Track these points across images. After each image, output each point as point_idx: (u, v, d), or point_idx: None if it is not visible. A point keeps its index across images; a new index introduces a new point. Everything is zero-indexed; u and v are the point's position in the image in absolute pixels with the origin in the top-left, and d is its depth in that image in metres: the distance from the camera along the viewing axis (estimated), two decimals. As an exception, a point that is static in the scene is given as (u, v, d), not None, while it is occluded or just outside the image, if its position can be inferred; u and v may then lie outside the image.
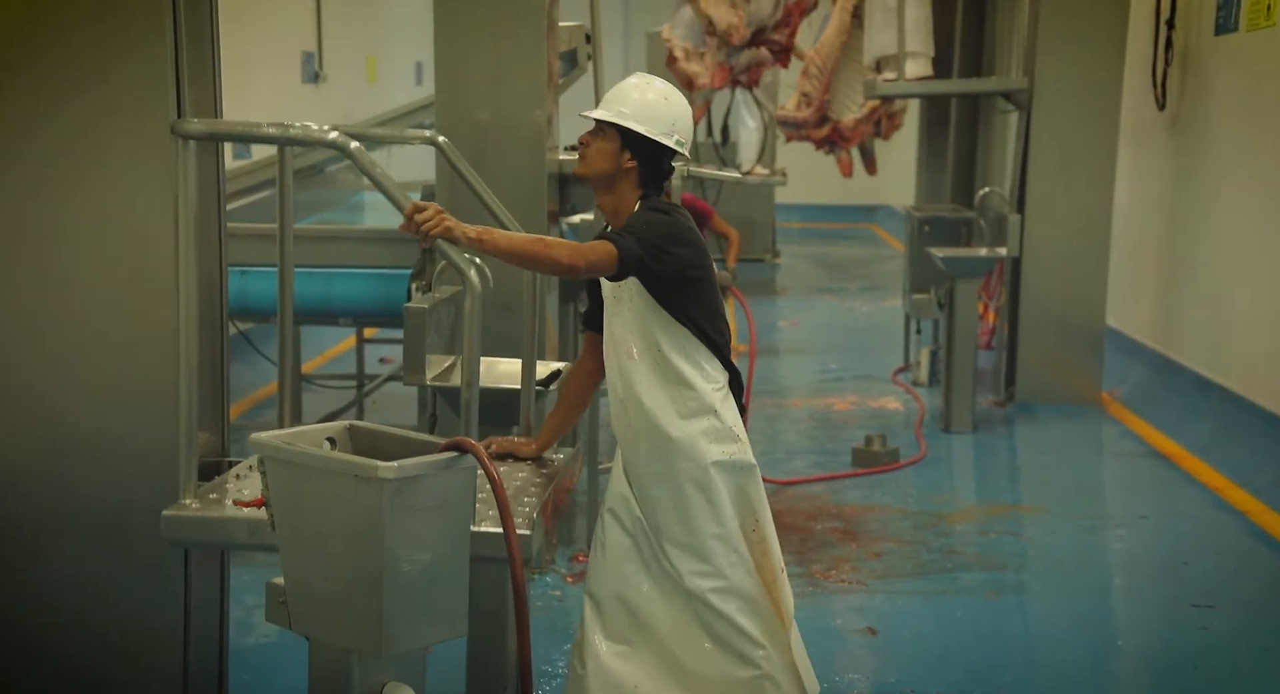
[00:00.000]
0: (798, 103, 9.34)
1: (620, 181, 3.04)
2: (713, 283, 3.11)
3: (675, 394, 3.02)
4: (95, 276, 2.93)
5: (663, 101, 3.03)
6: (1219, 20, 6.46)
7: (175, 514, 2.78)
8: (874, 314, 10.45)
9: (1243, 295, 6.21)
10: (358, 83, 10.26)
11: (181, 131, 2.81)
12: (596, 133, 3.03)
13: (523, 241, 2.83)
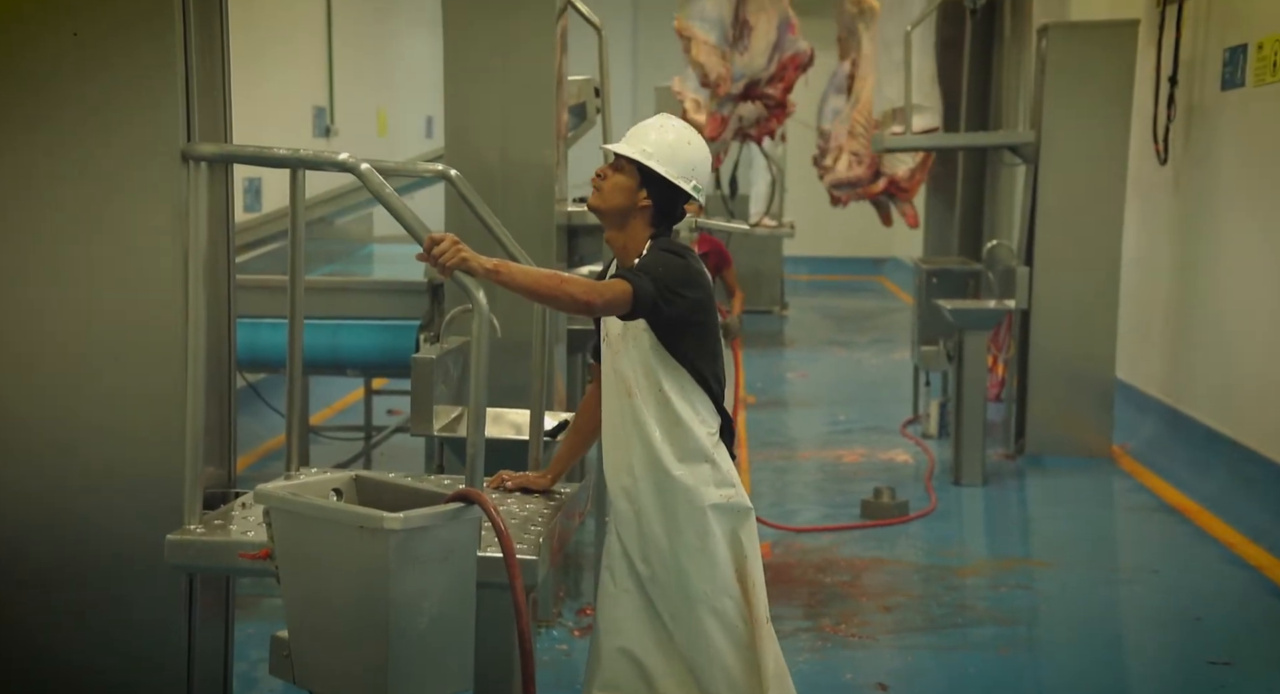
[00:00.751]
0: (849, 163, 9.37)
1: (633, 218, 3.05)
2: (716, 328, 3.12)
3: (674, 435, 3.02)
4: (101, 303, 2.91)
5: (685, 145, 3.05)
6: (1225, 76, 6.50)
7: (179, 538, 2.76)
8: (883, 366, 10.43)
9: (1251, 349, 6.19)
10: (368, 136, 10.35)
11: (193, 154, 2.81)
12: (615, 167, 3.04)
13: (539, 276, 2.82)
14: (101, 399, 2.92)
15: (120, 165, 2.87)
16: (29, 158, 2.88)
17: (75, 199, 2.88)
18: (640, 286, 2.89)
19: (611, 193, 3.04)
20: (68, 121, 2.87)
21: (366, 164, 2.79)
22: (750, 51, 8.18)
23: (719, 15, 8.01)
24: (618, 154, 3.04)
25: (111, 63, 2.84)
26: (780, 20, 8.28)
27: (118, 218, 2.89)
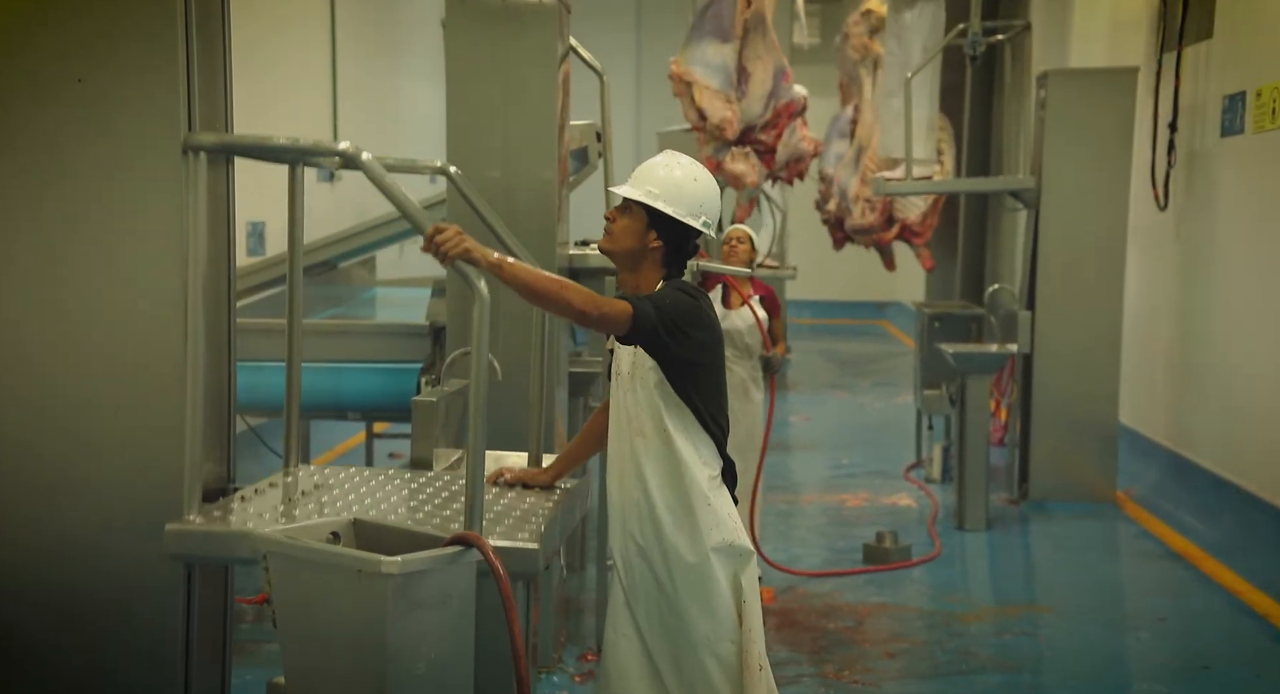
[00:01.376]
0: (862, 210, 9.41)
1: (644, 260, 3.04)
2: (723, 372, 3.11)
3: (675, 476, 3.00)
4: (100, 298, 2.91)
5: (691, 182, 3.04)
6: (1224, 123, 6.53)
7: (179, 528, 2.74)
8: (886, 410, 10.41)
9: (1255, 395, 6.17)
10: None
11: (193, 144, 2.81)
12: (623, 209, 3.04)
13: (540, 277, 2.82)
14: (98, 392, 2.90)
15: (120, 162, 2.86)
16: (29, 159, 2.89)
17: (74, 193, 2.88)
18: (641, 310, 2.88)
19: (621, 235, 3.04)
20: (69, 120, 2.87)
21: (368, 154, 2.79)
22: (748, 97, 8.23)
23: (721, 61, 8.06)
24: (625, 197, 3.05)
25: (112, 63, 2.84)
26: (776, 68, 8.34)
27: (117, 213, 2.88)
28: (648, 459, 3.01)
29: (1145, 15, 7.79)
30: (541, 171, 4.33)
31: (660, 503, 3.00)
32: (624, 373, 3.07)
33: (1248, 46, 6.34)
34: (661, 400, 3.00)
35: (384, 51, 10.73)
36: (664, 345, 2.92)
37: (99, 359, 2.93)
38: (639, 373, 3.02)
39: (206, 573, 2.99)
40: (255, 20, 6.51)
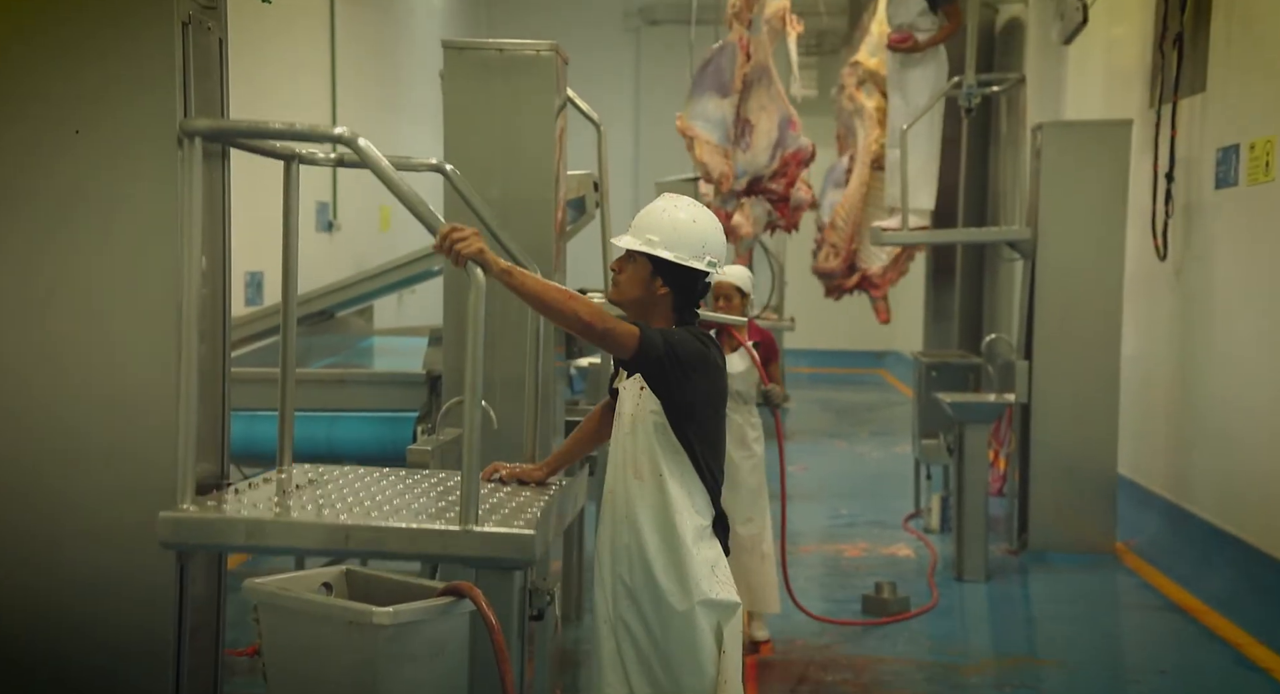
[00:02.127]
0: (826, 254, 9.46)
1: (653, 308, 3.04)
2: (723, 425, 3.10)
3: (665, 522, 2.99)
4: (98, 283, 2.91)
5: (691, 224, 3.04)
6: (1219, 174, 6.56)
7: (172, 516, 2.71)
8: (884, 459, 10.38)
9: (1254, 446, 6.15)
10: (370, 231, 10.44)
11: (188, 129, 2.81)
12: (627, 259, 3.05)
13: (548, 286, 2.82)
14: (92, 383, 2.89)
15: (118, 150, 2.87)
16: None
17: (65, 186, 2.89)
18: (649, 337, 2.87)
19: (628, 285, 3.04)
20: (62, 109, 2.89)
21: (364, 139, 2.80)
22: (753, 149, 8.30)
23: (721, 115, 8.15)
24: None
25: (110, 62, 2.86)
26: (781, 118, 8.41)
27: (109, 205, 2.88)
28: (642, 503, 2.99)
29: (1139, 69, 7.87)
30: (539, 220, 4.34)
31: (652, 548, 2.99)
32: (625, 414, 3.06)
33: (1240, 100, 6.39)
34: (660, 444, 2.99)
35: (383, 103, 10.82)
36: (666, 380, 2.91)
37: (90, 354, 2.91)
38: (640, 415, 3.01)
39: (199, 571, 2.94)
40: (257, 70, 6.57)
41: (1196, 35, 6.88)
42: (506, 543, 2.61)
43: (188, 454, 2.79)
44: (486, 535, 2.58)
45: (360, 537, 2.60)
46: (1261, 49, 6.16)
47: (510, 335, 3.93)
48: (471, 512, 2.60)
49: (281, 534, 2.64)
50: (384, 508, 2.79)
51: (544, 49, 4.36)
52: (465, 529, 2.59)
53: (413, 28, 11.75)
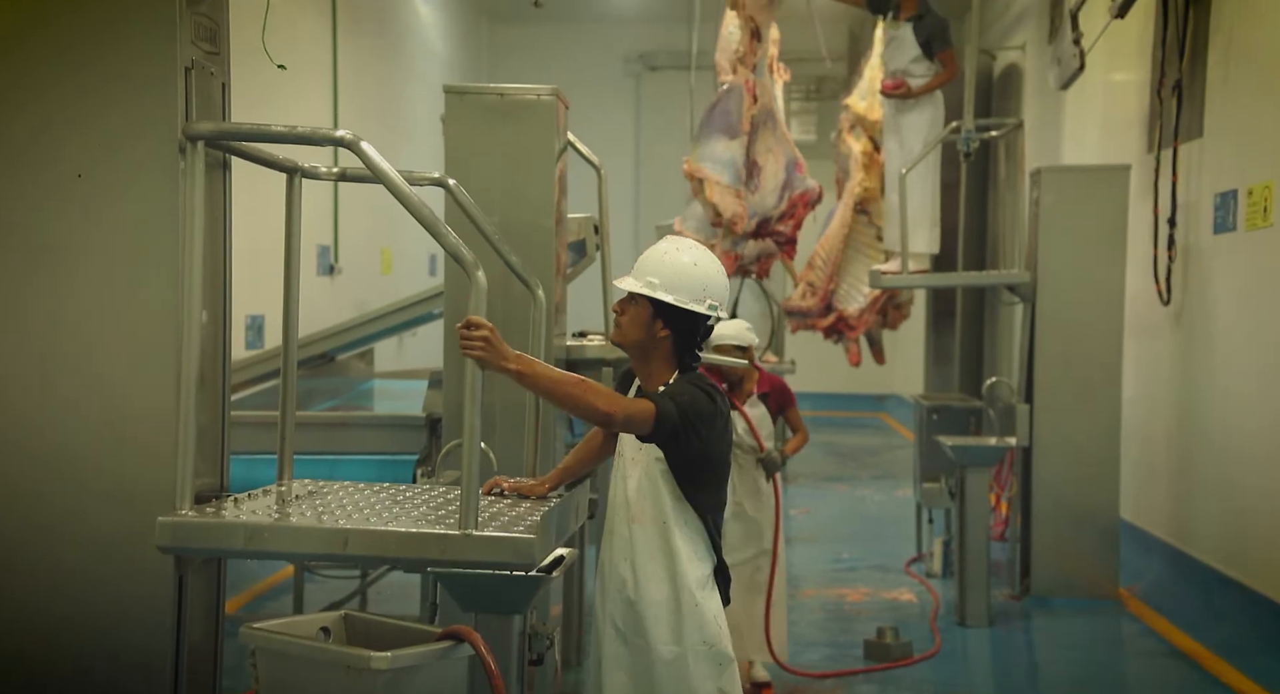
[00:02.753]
0: (803, 292, 9.50)
1: (654, 351, 3.04)
2: (726, 474, 3.09)
3: (669, 568, 2.97)
4: (98, 275, 2.90)
5: (692, 267, 3.04)
6: (1217, 219, 6.59)
7: (171, 520, 2.68)
8: (886, 503, 10.34)
9: (1258, 491, 6.13)
10: (372, 274, 10.47)
11: (190, 133, 2.82)
12: (629, 301, 3.05)
13: (561, 380, 2.81)
14: (90, 383, 2.88)
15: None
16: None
17: (70, 228, 2.89)
18: (664, 410, 2.87)
19: (629, 328, 3.04)
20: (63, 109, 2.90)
21: (366, 142, 2.81)
22: (760, 191, 8.35)
23: (730, 157, 8.20)
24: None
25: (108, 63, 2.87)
26: (788, 160, 8.47)
27: (114, 246, 2.89)
28: (641, 547, 2.98)
29: (1136, 114, 7.92)
30: (540, 263, 4.35)
31: (648, 594, 2.97)
32: (626, 456, 3.05)
33: (1237, 146, 6.43)
34: (665, 491, 2.98)
35: (385, 147, 10.88)
36: (679, 444, 2.91)
37: (89, 359, 2.90)
38: (643, 460, 3.00)
39: (198, 581, 2.91)
40: (261, 119, 6.61)
41: (1193, 82, 6.93)
42: (506, 547, 2.58)
43: (186, 461, 2.77)
44: (486, 540, 2.56)
45: (359, 541, 2.58)
46: (1258, 96, 6.20)
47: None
48: (471, 517, 2.59)
49: (281, 539, 2.62)
50: (383, 515, 2.78)
51: (545, 93, 4.40)
52: (465, 534, 2.57)
53: (414, 73, 11.84)
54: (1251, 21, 6.28)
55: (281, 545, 2.63)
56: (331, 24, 9.08)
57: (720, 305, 3.07)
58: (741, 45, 8.11)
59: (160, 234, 2.86)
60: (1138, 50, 7.92)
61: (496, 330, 2.70)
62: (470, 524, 2.58)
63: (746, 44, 8.05)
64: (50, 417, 2.90)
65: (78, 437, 2.89)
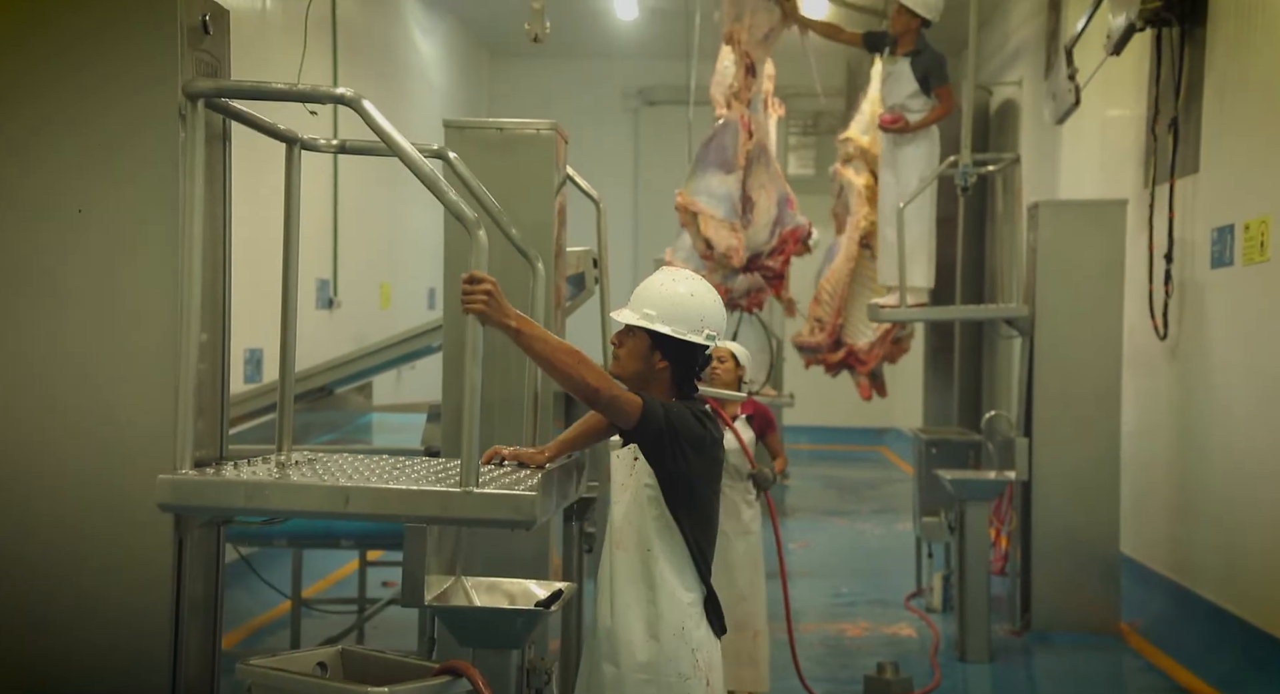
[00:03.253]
0: (811, 328, 9.50)
1: (653, 381, 3.05)
2: (716, 503, 3.09)
3: (650, 597, 2.96)
4: (92, 271, 2.90)
5: (689, 298, 3.05)
6: (1214, 254, 6.61)
7: (170, 477, 2.66)
8: (885, 537, 10.30)
9: (1258, 526, 6.11)
10: (371, 308, 10.49)
11: (191, 91, 2.81)
12: (627, 333, 3.06)
13: (557, 348, 2.81)
14: (87, 367, 2.87)
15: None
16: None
17: (70, 261, 2.89)
18: (652, 408, 2.87)
19: (627, 359, 3.05)
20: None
21: (367, 101, 2.81)
22: (753, 226, 8.39)
23: (726, 191, 8.24)
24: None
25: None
26: (780, 196, 8.51)
27: (113, 288, 2.88)
28: (621, 573, 2.97)
29: (1133, 149, 7.96)
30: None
31: (622, 619, 2.96)
32: (616, 481, 3.06)
33: (1233, 181, 6.46)
34: (651, 518, 2.98)
35: (384, 179, 10.93)
36: (662, 453, 2.91)
37: (86, 340, 2.90)
38: (632, 485, 3.00)
39: (196, 551, 2.88)
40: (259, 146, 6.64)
41: (1189, 118, 6.97)
42: (506, 504, 2.57)
43: (186, 423, 2.76)
44: (487, 497, 2.55)
45: (360, 498, 2.57)
46: (1253, 131, 6.24)
47: (512, 392, 3.91)
48: (472, 474, 2.58)
49: (281, 496, 2.61)
50: (384, 477, 2.77)
51: (544, 128, 4.42)
52: (466, 491, 2.56)
53: (414, 107, 11.90)
54: (1246, 59, 6.33)
55: (282, 503, 2.62)
56: (332, 59, 9.14)
57: (718, 336, 3.08)
58: (736, 80, 8.16)
59: (162, 272, 2.87)
60: (1133, 86, 7.97)
61: (499, 286, 2.70)
62: (471, 481, 2.57)
63: (741, 79, 8.10)
64: (50, 448, 2.89)
65: (77, 464, 2.88)
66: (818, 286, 9.56)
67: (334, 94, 2.85)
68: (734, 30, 8.04)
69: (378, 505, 2.58)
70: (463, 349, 2.74)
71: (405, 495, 2.58)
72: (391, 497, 2.58)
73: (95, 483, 2.84)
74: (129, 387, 2.87)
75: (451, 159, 3.47)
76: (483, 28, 14.33)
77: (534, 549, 4.05)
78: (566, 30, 12.31)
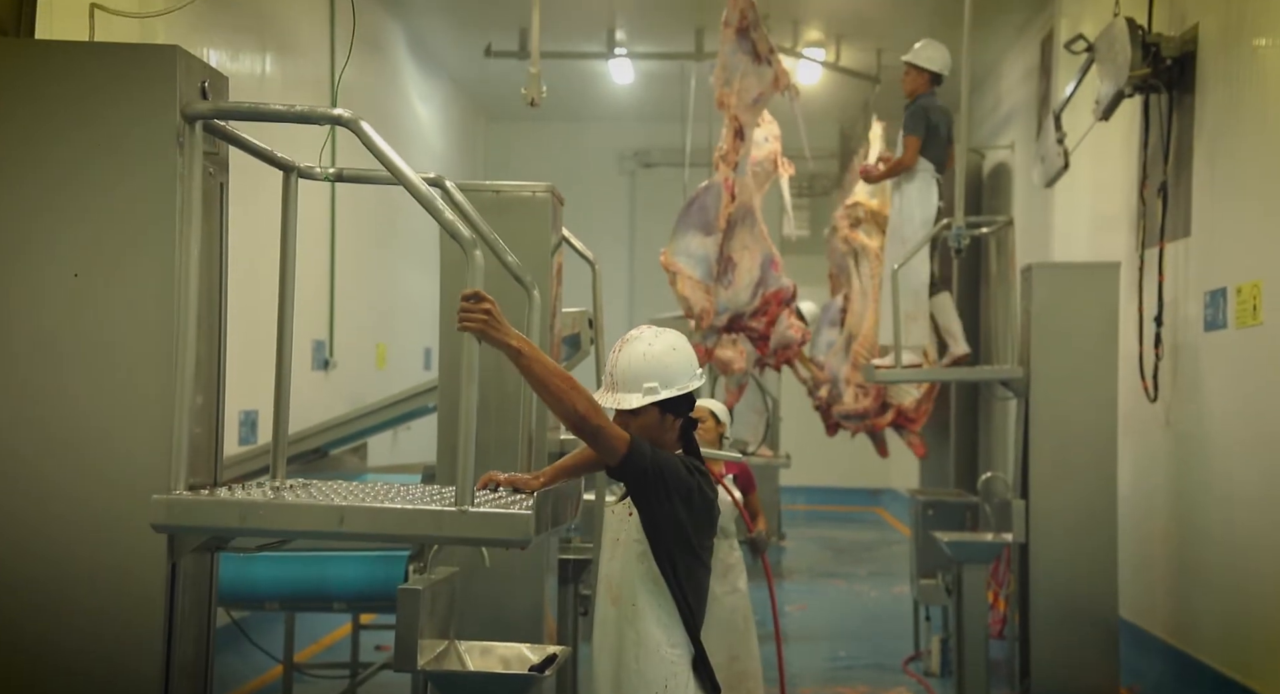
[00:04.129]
0: (855, 395, 9.47)
1: (663, 443, 3.07)
2: (707, 559, 3.07)
3: (641, 651, 2.94)
4: (95, 280, 2.90)
5: (674, 352, 3.10)
6: (1208, 317, 6.63)
7: (165, 497, 2.63)
8: (882, 599, 10.23)
9: (1255, 592, 6.07)
10: (367, 369, 10.48)
11: (190, 113, 2.81)
12: (631, 414, 3.06)
13: (553, 372, 2.81)
14: (84, 381, 2.86)
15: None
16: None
17: (69, 330, 2.89)
18: (639, 447, 2.89)
19: (640, 435, 3.05)
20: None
21: (365, 122, 2.82)
22: (734, 286, 8.41)
23: (704, 252, 8.28)
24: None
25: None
26: (764, 258, 8.54)
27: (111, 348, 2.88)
28: (609, 629, 2.97)
29: (1124, 213, 8.03)
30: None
31: (617, 677, 2.95)
32: (610, 538, 3.07)
33: (1224, 245, 6.50)
34: (640, 573, 2.97)
35: (381, 242, 10.98)
36: (646, 493, 2.91)
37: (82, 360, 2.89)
38: (625, 541, 3.01)
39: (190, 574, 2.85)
40: (258, 214, 6.69)
41: (1179, 181, 7.04)
42: (502, 524, 2.55)
43: (181, 446, 2.74)
44: (482, 516, 2.54)
45: (355, 518, 2.55)
46: (1244, 196, 6.29)
47: (507, 450, 3.89)
48: (467, 493, 2.56)
49: (276, 516, 2.58)
50: (378, 498, 2.75)
51: (540, 190, 4.45)
52: (461, 510, 2.54)
53: (412, 169, 12.00)
54: (1235, 125, 6.40)
55: (277, 523, 2.59)
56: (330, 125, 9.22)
57: (703, 373, 3.14)
58: (725, 143, 8.23)
59: (159, 336, 2.88)
60: (1123, 150, 8.06)
61: (498, 305, 2.70)
62: (466, 500, 2.55)
63: (730, 142, 8.17)
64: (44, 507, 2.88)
65: (74, 522, 2.88)
66: (853, 353, 9.52)
67: (331, 115, 2.88)
68: (724, 95, 8.12)
69: (373, 525, 2.57)
70: (458, 410, 2.74)
71: (400, 515, 2.57)
72: (387, 516, 2.57)
73: (91, 543, 2.83)
74: (124, 445, 2.86)
75: (448, 187, 3.50)
76: (480, 92, 14.49)
77: (528, 612, 4.02)
78: (563, 94, 12.46)
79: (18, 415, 2.90)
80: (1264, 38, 6.13)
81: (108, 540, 2.81)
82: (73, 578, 2.83)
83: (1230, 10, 6.48)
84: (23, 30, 3.33)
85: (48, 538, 2.84)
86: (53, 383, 2.91)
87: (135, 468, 2.83)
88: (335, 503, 2.60)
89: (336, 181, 3.36)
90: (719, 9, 8.11)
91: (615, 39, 12.08)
